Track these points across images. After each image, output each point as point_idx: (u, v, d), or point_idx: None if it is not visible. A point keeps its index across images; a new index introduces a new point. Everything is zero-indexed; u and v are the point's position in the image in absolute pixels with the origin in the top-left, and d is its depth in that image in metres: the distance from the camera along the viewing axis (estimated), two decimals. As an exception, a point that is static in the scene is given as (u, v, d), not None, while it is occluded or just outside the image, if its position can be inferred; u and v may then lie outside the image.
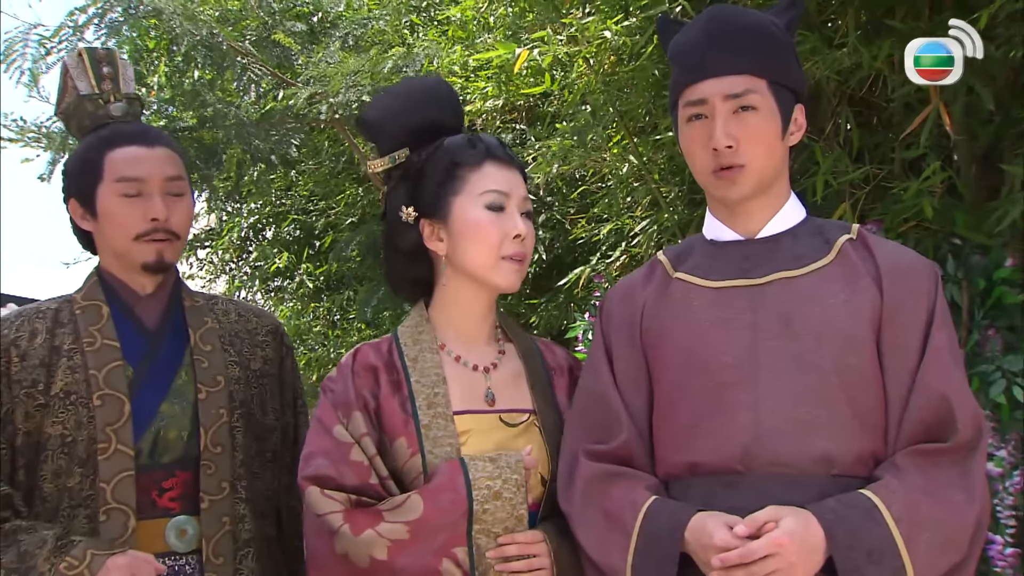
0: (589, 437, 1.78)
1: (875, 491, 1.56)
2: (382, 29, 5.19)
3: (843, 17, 2.77)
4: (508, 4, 4.49)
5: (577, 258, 4.85)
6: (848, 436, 1.62)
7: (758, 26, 1.74)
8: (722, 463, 1.65)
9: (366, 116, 1.94)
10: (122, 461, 1.88)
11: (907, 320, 1.67)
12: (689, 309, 1.75)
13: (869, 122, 3.27)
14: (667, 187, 3.92)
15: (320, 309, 6.68)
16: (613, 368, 1.80)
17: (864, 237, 1.76)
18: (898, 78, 2.81)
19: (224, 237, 6.93)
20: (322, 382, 1.86)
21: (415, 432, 1.76)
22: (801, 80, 1.80)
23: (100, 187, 2.01)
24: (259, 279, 7.10)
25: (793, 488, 1.59)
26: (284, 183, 6.51)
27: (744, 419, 1.64)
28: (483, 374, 1.86)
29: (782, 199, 1.79)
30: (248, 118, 5.18)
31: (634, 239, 4.10)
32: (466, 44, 5.07)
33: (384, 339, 1.89)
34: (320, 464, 1.75)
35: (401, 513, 1.69)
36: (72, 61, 2.12)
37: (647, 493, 1.68)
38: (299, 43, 5.09)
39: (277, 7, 5.24)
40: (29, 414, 1.90)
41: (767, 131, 1.71)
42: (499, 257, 1.82)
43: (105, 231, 2.03)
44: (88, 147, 2.05)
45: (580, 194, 4.75)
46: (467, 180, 1.83)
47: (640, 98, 3.68)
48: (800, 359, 1.65)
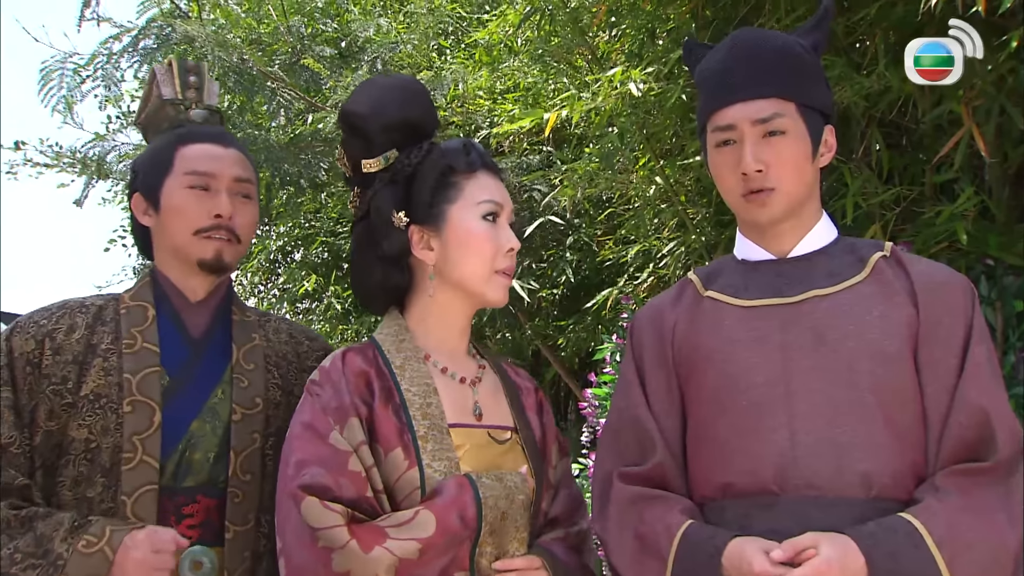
0: (622, 459, 1.75)
1: (916, 514, 1.52)
2: (410, 53, 5.23)
3: (871, 40, 2.76)
4: (535, 27, 4.51)
5: (604, 280, 4.85)
6: (886, 455, 1.58)
7: (784, 48, 1.72)
8: (757, 485, 1.62)
9: (354, 108, 1.79)
10: (146, 473, 1.77)
11: (945, 336, 1.63)
12: (720, 328, 1.73)
13: (899, 144, 3.26)
14: (694, 209, 3.92)
15: (348, 331, 6.70)
16: (645, 389, 1.78)
17: (897, 254, 1.73)
18: (928, 100, 2.80)
19: (253, 260, 6.99)
20: (307, 386, 1.72)
21: (412, 444, 1.65)
22: (830, 101, 1.79)
23: (168, 179, 1.94)
24: (287, 301, 7.15)
25: (830, 510, 1.56)
26: (313, 206, 6.57)
27: (778, 440, 1.61)
28: (470, 387, 1.78)
29: (813, 219, 1.77)
30: (277, 142, 5.23)
31: (661, 260, 4.10)
32: (492, 68, 5.11)
33: (366, 344, 1.78)
34: (316, 473, 1.59)
35: (410, 530, 1.57)
36: (161, 68, 2.10)
37: (682, 517, 1.64)
38: (328, 67, 5.14)
39: (307, 32, 5.30)
40: (54, 412, 1.79)
41: (797, 154, 1.69)
42: (493, 271, 1.76)
43: (166, 225, 1.94)
44: (161, 142, 1.99)
45: (607, 216, 4.76)
46: (462, 188, 1.76)
47: (667, 120, 3.68)
48: (835, 377, 1.62)
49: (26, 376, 1.81)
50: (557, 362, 5.54)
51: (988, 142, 2.65)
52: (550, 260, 5.22)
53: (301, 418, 1.67)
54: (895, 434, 1.59)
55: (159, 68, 2.10)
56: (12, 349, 1.82)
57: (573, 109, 3.52)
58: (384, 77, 2.12)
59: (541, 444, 1.82)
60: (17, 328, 1.85)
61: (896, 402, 1.61)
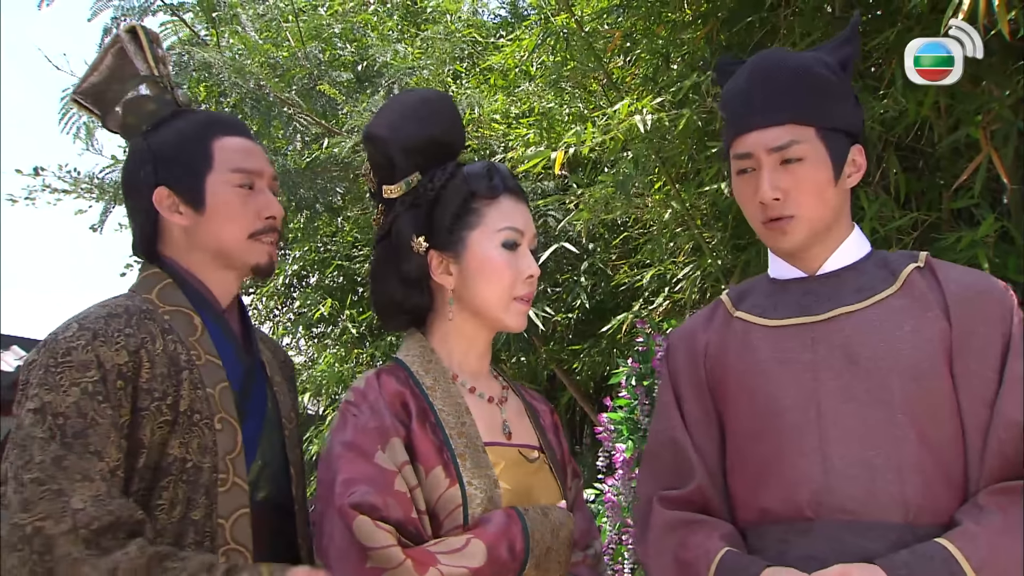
0: (662, 483, 1.73)
1: (953, 539, 1.46)
2: (426, 78, 5.26)
3: (887, 65, 2.76)
4: (550, 51, 4.53)
5: (620, 304, 4.84)
6: (921, 476, 1.53)
7: (804, 71, 1.67)
8: (792, 510, 1.59)
9: (375, 131, 1.77)
10: (239, 496, 1.67)
11: (980, 348, 1.57)
12: (749, 349, 1.69)
13: (915, 167, 3.24)
14: (710, 232, 3.91)
15: (363, 356, 6.70)
16: (682, 411, 1.76)
17: (932, 264, 1.67)
18: (944, 124, 2.79)
19: (268, 284, 7.00)
20: (343, 407, 1.70)
21: (451, 462, 1.64)
22: (857, 120, 1.71)
23: (210, 176, 1.76)
24: (302, 325, 7.16)
25: (866, 535, 1.52)
26: (329, 229, 6.59)
27: (811, 464, 1.57)
28: (498, 407, 1.79)
29: (843, 235, 1.72)
30: (294, 167, 5.26)
31: (677, 285, 4.09)
32: (508, 92, 5.13)
33: (395, 367, 1.77)
34: (365, 491, 1.58)
35: (462, 558, 1.56)
36: (126, 37, 1.85)
37: (720, 543, 1.61)
38: (344, 92, 5.17)
39: (324, 57, 5.34)
40: (154, 430, 1.62)
41: (817, 180, 1.65)
42: (511, 298, 1.75)
43: (213, 226, 1.77)
44: (187, 132, 1.79)
45: (622, 240, 4.75)
46: (484, 214, 1.74)
47: (682, 145, 3.69)
48: (866, 396, 1.57)
49: (118, 391, 1.59)
50: (572, 386, 5.52)
51: (1007, 166, 2.63)
52: (565, 284, 5.21)
53: (342, 438, 1.65)
54: (931, 453, 1.54)
55: (125, 37, 1.86)
56: (102, 361, 1.58)
57: (581, 141, 3.52)
58: (407, 93, 2.06)
59: (562, 464, 1.84)
60: (99, 337, 1.60)
61: (931, 420, 1.55)
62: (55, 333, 1.61)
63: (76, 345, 1.58)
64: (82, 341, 1.59)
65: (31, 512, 1.47)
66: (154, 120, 1.82)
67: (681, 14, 3.82)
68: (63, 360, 1.57)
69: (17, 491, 1.49)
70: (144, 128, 1.82)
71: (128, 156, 1.85)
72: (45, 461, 1.49)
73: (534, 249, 1.80)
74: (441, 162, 1.78)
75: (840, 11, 3.22)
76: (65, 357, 1.57)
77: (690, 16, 3.81)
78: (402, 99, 1.89)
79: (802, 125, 1.64)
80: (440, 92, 2.03)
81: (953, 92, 2.71)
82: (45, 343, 1.61)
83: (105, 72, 1.87)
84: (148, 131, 1.81)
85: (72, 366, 1.56)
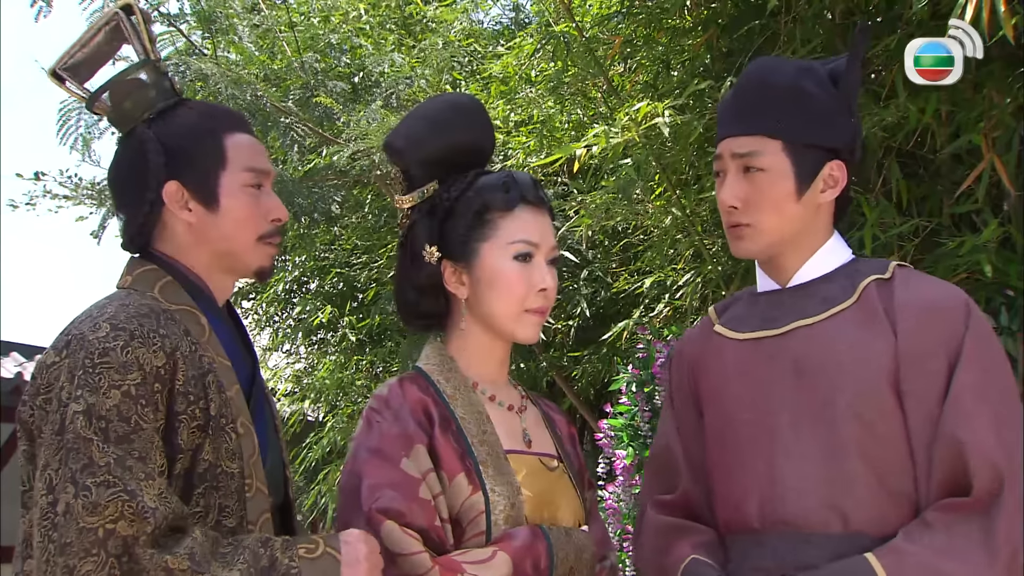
0: (656, 488, 1.80)
1: (880, 555, 1.47)
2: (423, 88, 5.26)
3: (888, 71, 2.76)
4: (550, 57, 4.54)
5: (620, 311, 4.84)
6: (863, 491, 1.54)
7: (780, 84, 1.68)
8: (743, 522, 1.63)
9: (392, 142, 1.78)
10: (262, 500, 1.64)
11: (925, 365, 1.54)
12: (720, 362, 1.73)
13: (916, 174, 3.24)
14: (710, 239, 3.91)
15: (363, 362, 6.70)
16: (677, 419, 1.81)
17: (896, 276, 1.65)
18: (946, 132, 2.79)
19: (268, 290, 7.00)
20: (367, 414, 1.70)
21: (474, 468, 1.65)
22: (843, 136, 1.68)
23: (224, 174, 1.71)
24: (302, 332, 7.15)
25: (806, 547, 1.54)
26: (328, 237, 6.58)
27: (759, 477, 1.61)
28: (518, 415, 1.80)
29: (816, 246, 1.71)
30: (291, 176, 5.25)
31: (678, 292, 4.08)
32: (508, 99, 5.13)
33: (416, 375, 1.77)
34: (391, 497, 1.58)
35: (487, 569, 1.57)
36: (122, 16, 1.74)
37: (689, 551, 1.66)
38: (341, 102, 5.17)
39: (320, 67, 5.34)
40: (189, 436, 1.57)
41: (774, 193, 1.65)
42: (523, 310, 1.74)
43: (224, 226, 1.71)
44: (198, 125, 1.73)
45: (622, 247, 4.75)
46: (497, 226, 1.73)
47: (682, 152, 3.69)
48: (812, 412, 1.58)
49: (155, 395, 1.52)
50: (572, 393, 5.51)
51: (1008, 172, 2.63)
52: (565, 292, 5.21)
53: (367, 444, 1.65)
54: (872, 468, 1.55)
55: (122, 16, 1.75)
56: (141, 364, 1.51)
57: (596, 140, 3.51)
58: (435, 99, 2.05)
59: (579, 474, 1.85)
60: (136, 339, 1.52)
61: (874, 436, 1.55)
62: (81, 332, 1.52)
63: (113, 346, 1.49)
64: (119, 342, 1.50)
65: (101, 515, 1.41)
66: (155, 109, 1.73)
67: (682, 20, 3.82)
68: (100, 361, 1.48)
69: (79, 495, 1.42)
70: (145, 116, 1.73)
71: (127, 144, 1.74)
72: (109, 463, 1.43)
73: (554, 260, 1.78)
74: (466, 168, 1.78)
75: (840, 18, 3.23)
76: (103, 358, 1.48)
77: (690, 22, 3.81)
78: (427, 107, 1.88)
79: (768, 137, 1.66)
80: (470, 96, 2.02)
81: (955, 99, 2.71)
82: (70, 343, 1.52)
83: (94, 49, 1.77)
84: (152, 120, 1.72)
85: (111, 367, 1.48)
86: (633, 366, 3.80)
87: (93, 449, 1.44)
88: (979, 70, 2.71)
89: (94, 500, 1.41)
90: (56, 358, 1.52)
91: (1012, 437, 1.51)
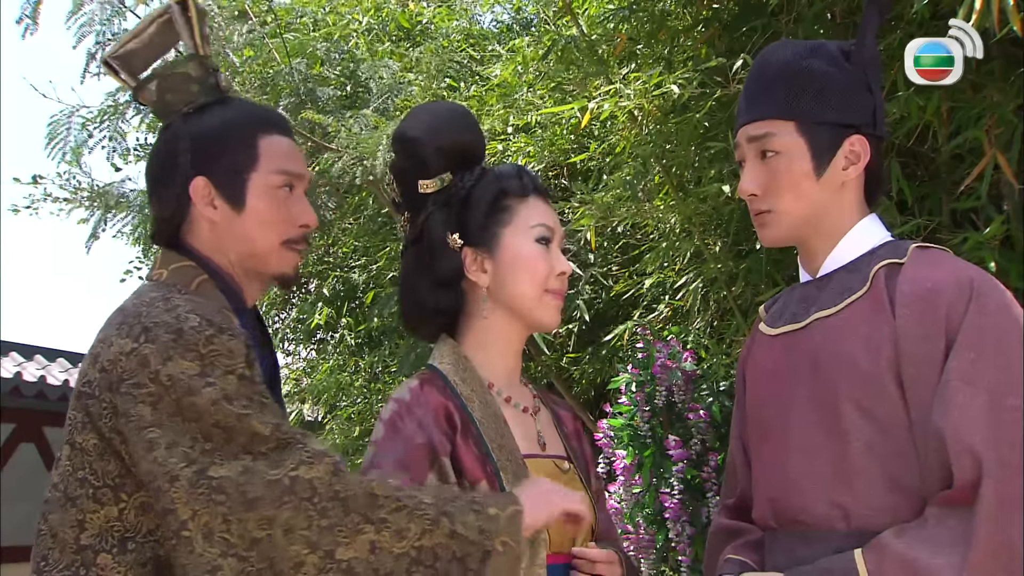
0: (726, 492, 1.84)
1: (865, 550, 1.45)
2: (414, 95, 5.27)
3: (890, 69, 2.76)
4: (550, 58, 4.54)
5: (619, 313, 4.83)
6: (865, 486, 1.51)
7: (790, 65, 1.66)
8: (762, 519, 1.65)
9: (407, 131, 1.79)
10: None
11: (922, 351, 1.49)
12: (756, 359, 1.74)
13: (915, 173, 3.25)
14: (712, 239, 3.91)
15: (362, 364, 6.70)
16: (737, 421, 1.82)
17: (910, 258, 1.58)
18: (947, 131, 2.79)
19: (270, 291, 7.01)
20: (389, 418, 1.69)
21: (495, 475, 1.66)
22: (860, 110, 1.65)
23: (254, 175, 1.69)
24: (303, 333, 7.16)
25: (810, 544, 1.54)
26: (326, 240, 6.59)
27: (774, 474, 1.62)
28: (532, 417, 1.81)
29: (843, 229, 1.66)
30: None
31: (678, 292, 4.08)
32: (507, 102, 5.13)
33: (432, 375, 1.76)
34: None
35: None
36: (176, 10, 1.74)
37: (730, 551, 1.70)
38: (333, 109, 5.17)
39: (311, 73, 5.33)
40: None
41: (792, 174, 1.63)
42: (544, 291, 1.77)
43: (248, 227, 1.69)
44: (233, 123, 1.71)
45: (621, 249, 4.75)
46: (516, 212, 1.77)
47: (685, 151, 3.69)
48: (823, 407, 1.56)
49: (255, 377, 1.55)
50: (570, 395, 5.51)
51: (1011, 169, 2.64)
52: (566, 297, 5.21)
53: (394, 453, 1.64)
54: (878, 461, 1.51)
55: (175, 10, 1.75)
56: (234, 353, 1.52)
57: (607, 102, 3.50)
58: (435, 103, 2.10)
59: (587, 471, 1.86)
60: (226, 331, 1.53)
61: (879, 428, 1.51)
62: (164, 321, 1.51)
63: (209, 334, 1.51)
64: (211, 331, 1.51)
65: (283, 467, 1.45)
66: (196, 103, 1.73)
67: (683, 20, 3.83)
68: (208, 350, 1.50)
69: (259, 457, 1.46)
70: (184, 110, 1.72)
71: (162, 137, 1.74)
72: (270, 426, 1.49)
73: (564, 250, 1.83)
74: (467, 168, 1.81)
75: (841, 17, 3.24)
76: (208, 346, 1.50)
77: (691, 22, 3.82)
78: (431, 107, 1.93)
79: (782, 120, 1.64)
80: (462, 105, 2.06)
81: (956, 97, 2.72)
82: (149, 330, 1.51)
83: (146, 40, 1.77)
84: (189, 114, 1.72)
85: (220, 354, 1.50)
86: (633, 366, 3.79)
87: (253, 423, 1.48)
88: (979, 70, 2.72)
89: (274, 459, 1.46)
90: (135, 344, 1.50)
91: (1008, 424, 1.43)
